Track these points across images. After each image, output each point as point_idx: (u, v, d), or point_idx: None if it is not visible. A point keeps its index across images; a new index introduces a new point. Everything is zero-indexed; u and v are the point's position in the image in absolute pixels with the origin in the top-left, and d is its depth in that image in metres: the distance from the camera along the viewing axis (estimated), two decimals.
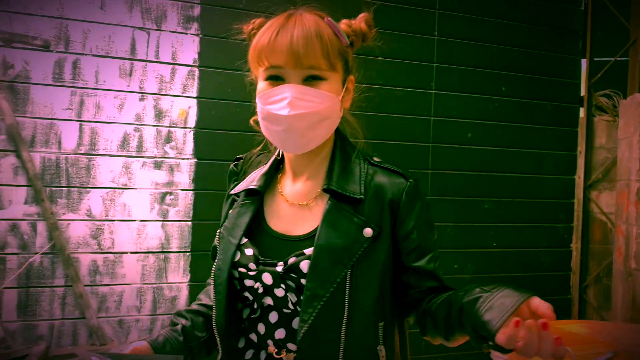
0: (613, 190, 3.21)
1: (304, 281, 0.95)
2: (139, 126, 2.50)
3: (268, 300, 1.01)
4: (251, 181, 1.09)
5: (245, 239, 1.03)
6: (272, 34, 0.95)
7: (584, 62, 3.28)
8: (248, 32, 1.05)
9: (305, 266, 0.95)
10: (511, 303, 0.79)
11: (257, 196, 1.08)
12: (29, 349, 2.26)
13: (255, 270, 1.00)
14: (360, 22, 1.08)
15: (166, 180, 2.54)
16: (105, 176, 2.45)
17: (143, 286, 2.50)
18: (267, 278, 0.99)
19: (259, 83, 1.00)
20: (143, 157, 2.51)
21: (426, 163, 2.93)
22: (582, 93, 3.27)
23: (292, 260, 0.97)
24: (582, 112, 3.27)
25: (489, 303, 0.82)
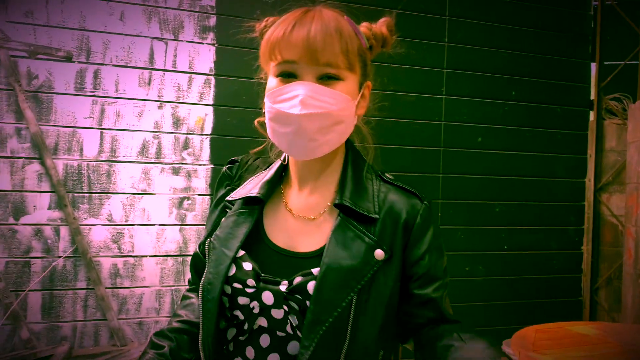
0: (624, 192, 3.23)
1: (309, 304, 0.85)
2: (158, 133, 2.58)
3: (261, 321, 0.90)
4: (252, 188, 0.99)
5: (242, 252, 0.92)
6: (288, 27, 0.87)
7: (594, 66, 3.30)
8: (260, 30, 0.98)
9: (312, 287, 0.86)
10: None
11: (258, 205, 0.97)
12: (53, 350, 2.35)
13: (254, 287, 0.89)
14: (381, 26, 1.01)
15: (184, 185, 2.61)
16: (125, 182, 2.53)
17: (162, 288, 2.58)
18: (268, 297, 0.88)
19: (269, 80, 0.92)
20: (161, 163, 2.58)
21: (437, 167, 2.98)
22: (592, 97, 3.30)
23: (299, 279, 0.87)
24: (592, 116, 3.30)
25: None
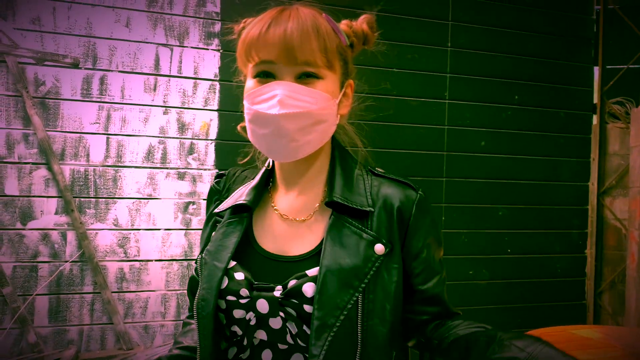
0: (627, 196, 3.24)
1: (307, 307, 0.82)
2: (163, 139, 2.60)
3: (261, 334, 0.87)
4: (239, 197, 0.96)
5: (233, 262, 0.89)
6: (264, 27, 0.84)
7: (597, 70, 3.31)
8: (238, 31, 0.95)
9: (308, 289, 0.82)
10: None
11: (246, 213, 0.94)
12: (60, 354, 2.37)
13: (247, 297, 0.85)
14: (361, 24, 0.98)
15: (189, 190, 2.63)
16: (131, 187, 2.55)
17: (167, 292, 2.60)
18: (263, 305, 0.85)
19: (247, 81, 0.90)
20: (167, 168, 2.60)
21: (441, 171, 2.99)
22: (595, 100, 3.31)
23: (293, 282, 0.84)
24: (595, 120, 3.31)
25: None
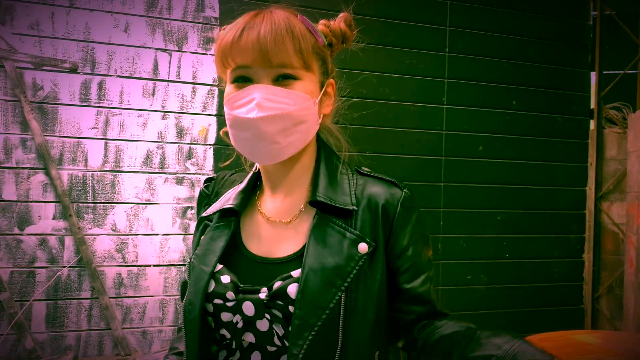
0: (624, 201, 3.25)
1: (293, 309, 0.82)
2: (162, 143, 2.60)
3: (249, 337, 0.87)
4: (226, 200, 0.97)
5: (220, 265, 0.90)
6: (237, 32, 0.84)
7: (594, 75, 3.33)
8: (218, 38, 0.93)
9: (293, 290, 0.82)
10: None
11: (234, 217, 0.95)
12: (58, 359, 2.35)
13: (234, 300, 0.86)
14: (339, 22, 0.97)
15: (187, 195, 2.63)
16: (129, 192, 2.55)
17: (165, 298, 2.59)
18: (249, 308, 0.85)
19: (227, 87, 0.90)
20: (165, 173, 2.60)
21: (439, 176, 3.00)
22: (592, 106, 3.32)
23: (278, 284, 0.84)
24: (593, 125, 3.32)
25: None
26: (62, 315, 2.45)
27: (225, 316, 0.87)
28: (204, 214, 0.98)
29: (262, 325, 0.86)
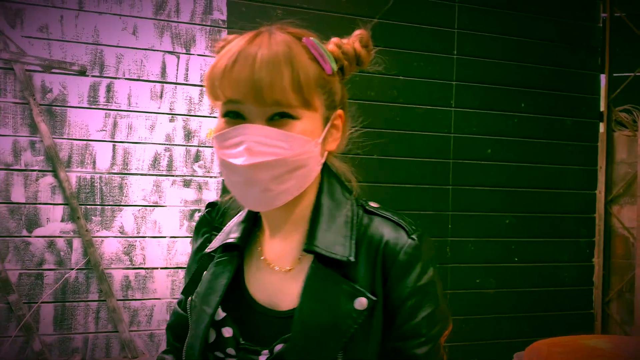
0: (634, 204, 3.22)
1: None
2: (169, 146, 2.60)
3: None
4: (227, 233, 0.88)
5: (223, 313, 0.82)
6: (230, 60, 0.74)
7: (603, 78, 3.31)
8: (218, 50, 0.83)
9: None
10: None
11: (236, 251, 0.86)
12: None
13: (234, 356, 0.80)
14: (353, 42, 0.85)
15: (195, 197, 2.63)
16: (137, 194, 2.55)
17: (173, 301, 2.59)
18: None
19: (218, 119, 0.80)
20: (173, 176, 2.60)
21: (447, 179, 2.98)
22: (602, 108, 3.30)
23: (279, 347, 0.77)
24: (602, 127, 3.30)
25: None
26: (70, 317, 2.46)
27: None
28: (207, 249, 0.90)
29: None
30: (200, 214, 0.98)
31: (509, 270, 3.08)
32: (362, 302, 0.76)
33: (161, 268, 2.57)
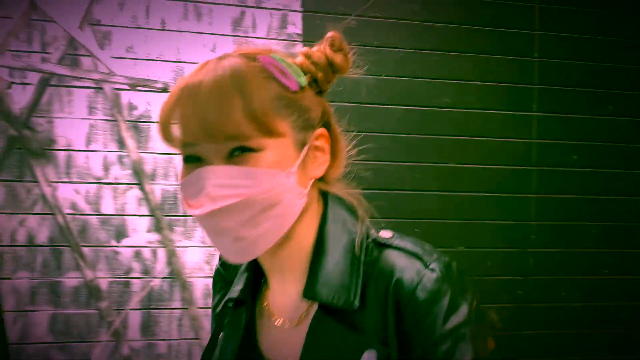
0: None
1: None
2: None
3: None
4: (234, 286, 0.82)
5: None
6: (174, 97, 0.69)
7: None
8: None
9: None
10: None
11: (243, 307, 0.79)
12: None
13: None
14: (324, 48, 0.75)
15: None
16: None
17: None
18: None
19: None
20: None
21: (529, 187, 2.87)
22: None
23: None
24: None
25: None
26: (154, 324, 2.56)
27: None
28: (219, 309, 0.84)
29: None
30: (215, 266, 0.92)
31: (597, 282, 2.91)
32: (371, 356, 0.66)
33: None
